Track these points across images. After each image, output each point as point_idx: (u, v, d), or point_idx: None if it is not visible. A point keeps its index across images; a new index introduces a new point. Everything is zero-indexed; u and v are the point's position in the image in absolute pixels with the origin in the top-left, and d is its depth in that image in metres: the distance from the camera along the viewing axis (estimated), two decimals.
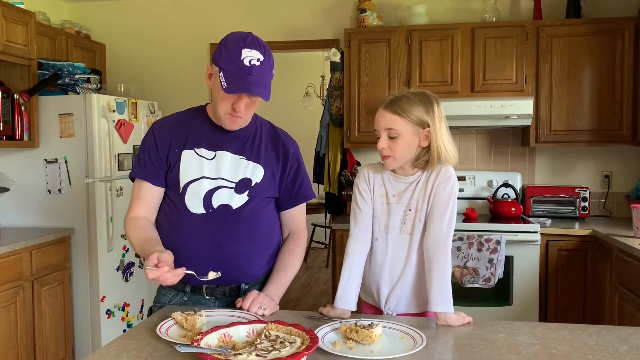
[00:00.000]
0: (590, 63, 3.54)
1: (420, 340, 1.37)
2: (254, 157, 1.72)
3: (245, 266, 1.72)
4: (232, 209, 1.68)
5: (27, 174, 3.51)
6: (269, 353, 1.20)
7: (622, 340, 1.41)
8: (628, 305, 2.78)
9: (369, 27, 3.81)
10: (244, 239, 1.70)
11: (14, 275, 2.96)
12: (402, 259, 1.72)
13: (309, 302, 5.19)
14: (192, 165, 1.69)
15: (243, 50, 1.56)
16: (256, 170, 1.72)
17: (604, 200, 3.85)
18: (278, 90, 8.86)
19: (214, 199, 1.68)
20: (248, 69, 1.54)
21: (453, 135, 4.38)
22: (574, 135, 3.59)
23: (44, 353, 3.21)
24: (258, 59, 1.56)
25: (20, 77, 3.40)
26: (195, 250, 1.67)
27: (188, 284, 1.73)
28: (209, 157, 1.70)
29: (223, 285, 1.72)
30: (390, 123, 1.66)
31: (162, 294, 1.79)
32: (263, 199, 1.74)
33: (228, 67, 1.55)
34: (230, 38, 1.60)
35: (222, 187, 1.68)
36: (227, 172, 1.69)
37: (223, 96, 1.60)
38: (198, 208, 1.68)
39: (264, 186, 1.72)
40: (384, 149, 1.67)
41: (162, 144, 1.71)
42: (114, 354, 1.33)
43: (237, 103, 1.60)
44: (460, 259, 3.23)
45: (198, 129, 1.73)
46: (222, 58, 1.58)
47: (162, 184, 1.73)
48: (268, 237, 1.78)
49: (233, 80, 1.55)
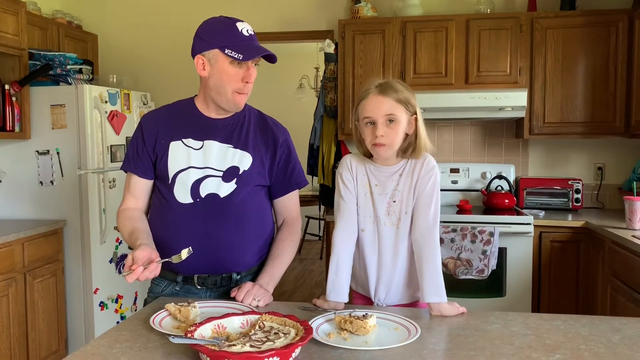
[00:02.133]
0: (584, 55, 3.54)
1: (415, 330, 1.37)
2: (241, 145, 1.72)
3: (234, 255, 1.72)
4: (220, 198, 1.68)
5: (18, 166, 3.48)
6: (263, 344, 1.20)
7: (615, 330, 1.42)
8: (620, 296, 2.80)
9: (363, 18, 3.79)
10: (232, 227, 1.69)
11: (6, 267, 2.94)
12: (390, 251, 1.70)
13: (303, 293, 5.20)
14: (180, 156, 1.69)
15: (236, 24, 1.62)
16: (244, 158, 1.71)
17: (597, 192, 3.87)
18: (272, 82, 8.92)
19: (201, 188, 1.68)
20: (250, 37, 1.62)
21: (447, 127, 4.39)
22: (567, 127, 3.59)
23: (36, 345, 3.19)
24: (251, 29, 1.65)
25: (11, 67, 3.36)
26: (184, 240, 1.67)
27: (180, 274, 1.73)
28: (196, 147, 1.70)
29: (214, 275, 1.72)
30: (391, 109, 1.62)
31: (155, 284, 1.79)
32: (252, 187, 1.73)
33: (233, 42, 1.59)
34: (211, 22, 1.65)
35: (210, 176, 1.69)
36: (215, 161, 1.69)
37: (232, 73, 1.61)
38: (186, 198, 1.68)
39: (253, 174, 1.72)
40: (383, 136, 1.62)
41: (149, 137, 1.73)
42: (107, 346, 1.32)
43: (247, 73, 1.63)
44: (453, 250, 3.24)
45: (186, 120, 1.74)
46: (218, 38, 1.60)
47: (151, 176, 1.75)
48: (258, 225, 1.77)
49: (246, 49, 1.59)
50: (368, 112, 1.64)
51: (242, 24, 1.63)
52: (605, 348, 1.30)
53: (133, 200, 1.76)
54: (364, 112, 1.65)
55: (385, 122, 1.62)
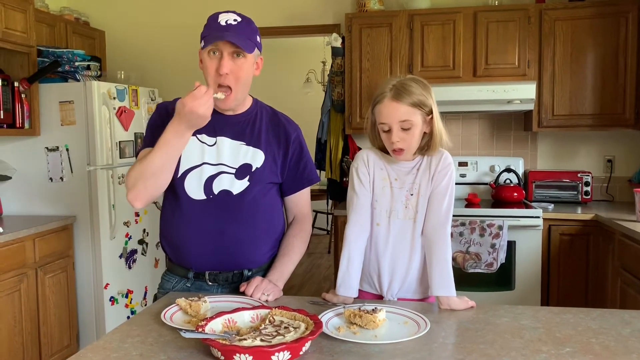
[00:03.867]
0: (593, 46, 3.51)
1: (424, 324, 1.37)
2: (253, 142, 1.71)
3: (247, 252, 1.72)
4: (233, 195, 1.68)
5: (28, 162, 3.50)
6: (273, 338, 1.20)
7: (626, 323, 1.41)
8: (630, 289, 2.79)
9: (370, 12, 3.78)
10: (245, 224, 1.70)
11: (17, 263, 2.97)
12: (407, 246, 1.69)
13: (311, 288, 5.21)
14: (194, 151, 1.68)
15: (220, 15, 1.63)
16: (256, 156, 1.71)
17: (607, 185, 3.85)
18: (279, 77, 8.91)
19: (214, 184, 1.68)
20: (225, 27, 1.60)
21: (455, 121, 4.36)
22: (576, 119, 3.57)
23: (48, 340, 3.23)
24: (234, 20, 1.62)
25: (20, 64, 3.38)
26: (196, 236, 1.68)
27: (191, 270, 1.74)
28: (210, 143, 1.69)
29: (225, 271, 1.72)
30: (405, 115, 1.60)
31: (166, 280, 1.80)
32: (265, 184, 1.73)
33: (206, 32, 1.61)
34: (210, 16, 1.67)
35: (223, 172, 1.68)
36: (228, 158, 1.69)
37: (207, 64, 1.61)
38: (199, 194, 1.68)
39: (265, 171, 1.72)
40: (399, 141, 1.61)
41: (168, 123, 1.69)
42: (119, 340, 1.33)
43: (219, 64, 1.59)
44: (462, 244, 3.23)
45: None
46: (203, 31, 1.63)
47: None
48: (270, 223, 1.77)
49: (211, 37, 1.59)
50: (383, 118, 1.62)
51: (225, 15, 1.62)
52: (616, 341, 1.29)
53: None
54: (379, 117, 1.63)
55: (400, 128, 1.60)
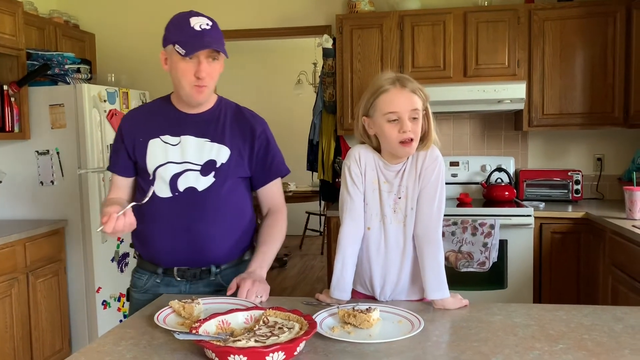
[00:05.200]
0: (582, 46, 3.54)
1: (418, 323, 1.38)
2: (218, 139, 1.74)
3: (214, 248, 1.74)
4: (198, 192, 1.71)
5: (18, 166, 3.48)
6: (267, 339, 1.20)
7: (618, 319, 1.42)
8: (621, 286, 2.81)
9: (360, 13, 3.79)
10: (212, 220, 1.72)
11: (8, 267, 2.94)
12: (399, 250, 1.66)
13: (305, 289, 5.21)
14: (158, 152, 1.73)
15: (191, 19, 1.63)
16: (221, 151, 1.73)
17: (597, 183, 3.88)
18: (270, 78, 8.89)
19: (180, 182, 1.71)
20: (200, 32, 1.62)
21: (446, 121, 4.36)
22: (566, 118, 3.60)
23: (40, 345, 3.20)
24: (207, 24, 1.64)
25: (9, 67, 3.36)
26: (164, 233, 1.71)
27: (160, 266, 1.76)
28: (173, 142, 1.73)
29: (193, 268, 1.75)
30: (415, 103, 1.56)
31: (137, 277, 1.83)
32: (233, 179, 1.76)
33: (181, 37, 1.61)
34: (174, 17, 1.68)
35: (189, 170, 1.71)
36: (193, 156, 1.72)
37: (184, 68, 1.63)
38: (165, 192, 1.71)
39: (231, 166, 1.74)
40: (410, 131, 1.55)
41: (128, 137, 1.77)
42: (112, 343, 1.33)
43: (198, 69, 1.63)
44: (454, 243, 3.24)
45: (163, 117, 1.77)
46: (172, 34, 1.64)
47: (131, 174, 1.82)
48: (238, 217, 1.80)
49: (190, 44, 1.60)
50: (394, 107, 1.55)
51: (196, 19, 1.63)
52: (608, 337, 1.30)
53: (116, 192, 1.82)
54: (388, 107, 1.56)
55: (411, 117, 1.56)
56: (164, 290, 1.77)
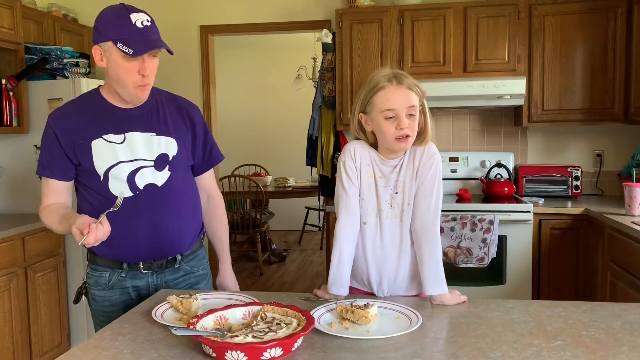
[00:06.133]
0: (582, 41, 3.53)
1: (416, 319, 1.38)
2: (163, 131, 1.73)
3: (178, 238, 1.78)
4: (158, 187, 1.71)
5: (17, 160, 3.47)
6: (265, 334, 1.20)
7: (616, 316, 1.42)
8: (620, 282, 2.81)
9: (360, 7, 3.78)
10: (175, 212, 1.75)
11: (7, 262, 2.94)
12: (396, 245, 1.66)
13: (304, 284, 5.21)
14: (105, 153, 1.67)
15: (130, 15, 1.59)
16: (170, 144, 1.73)
17: (596, 179, 3.87)
18: (269, 73, 8.81)
19: (137, 180, 1.69)
20: (144, 29, 1.58)
21: (446, 116, 4.35)
22: (566, 114, 3.59)
23: (39, 339, 3.20)
24: (148, 20, 1.61)
25: (7, 61, 3.35)
26: (130, 233, 1.70)
27: (125, 262, 1.75)
28: (118, 141, 1.68)
29: (159, 259, 1.76)
30: (412, 100, 1.57)
31: (98, 275, 1.77)
32: (183, 170, 1.78)
33: (125, 35, 1.56)
34: (108, 12, 1.62)
35: (143, 167, 1.70)
36: (143, 152, 1.70)
37: (127, 67, 1.59)
38: (125, 191, 1.67)
39: (182, 157, 1.76)
40: (407, 127, 1.56)
41: (65, 139, 1.68)
42: (109, 339, 1.32)
43: (142, 66, 1.60)
44: (453, 239, 3.24)
45: (99, 115, 1.70)
46: (111, 31, 1.58)
47: (71, 178, 1.73)
48: (194, 206, 1.85)
49: (137, 43, 1.56)
50: (391, 104, 1.56)
51: (137, 15, 1.59)
52: (606, 334, 1.30)
53: (55, 197, 1.73)
54: (385, 104, 1.57)
55: (407, 114, 1.57)
56: (130, 283, 1.76)
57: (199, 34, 4.24)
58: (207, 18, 4.26)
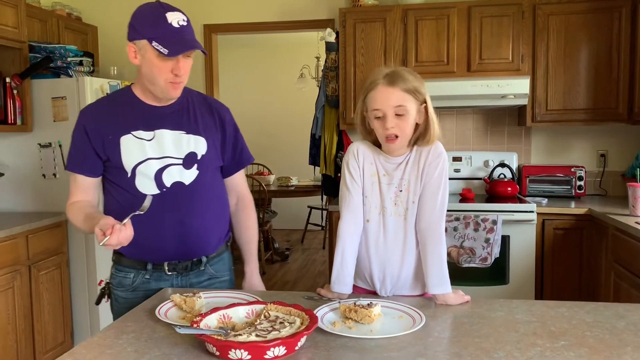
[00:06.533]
0: (586, 41, 3.52)
1: (420, 319, 1.38)
2: (193, 130, 1.73)
3: (204, 239, 1.76)
4: (185, 185, 1.70)
5: (21, 159, 3.48)
6: (269, 333, 1.20)
7: (620, 316, 1.42)
8: (624, 282, 2.80)
9: (364, 7, 3.77)
10: (201, 212, 1.73)
11: (10, 260, 2.95)
12: (399, 243, 1.66)
13: (306, 283, 5.22)
14: (134, 149, 1.67)
15: (167, 14, 1.57)
16: (199, 143, 1.73)
17: (600, 179, 3.86)
18: (272, 72, 8.82)
19: (165, 177, 1.68)
20: (180, 29, 1.57)
21: (449, 116, 4.35)
22: (570, 114, 3.58)
23: (42, 337, 3.21)
24: (184, 19, 1.60)
25: (11, 60, 3.35)
26: (155, 231, 1.68)
27: (149, 262, 1.74)
28: (148, 138, 1.68)
29: (184, 260, 1.75)
30: (400, 100, 1.57)
31: (122, 276, 1.77)
32: (212, 169, 1.77)
33: (160, 34, 1.56)
34: (144, 10, 1.61)
35: (171, 164, 1.69)
36: (172, 149, 1.69)
37: (161, 66, 1.59)
38: (151, 189, 1.68)
39: (211, 157, 1.75)
40: (394, 127, 1.58)
41: (94, 135, 1.68)
42: (113, 337, 1.33)
43: (177, 66, 1.60)
44: (456, 239, 3.24)
45: (130, 111, 1.70)
46: (147, 29, 1.57)
47: (99, 174, 1.73)
48: (222, 207, 1.83)
49: (172, 43, 1.55)
50: (377, 104, 1.58)
51: (173, 14, 1.57)
52: (610, 334, 1.30)
53: (82, 194, 1.73)
54: (373, 104, 1.59)
55: (394, 114, 1.57)
56: (155, 286, 1.74)
57: (203, 33, 4.24)
58: (211, 17, 4.27)
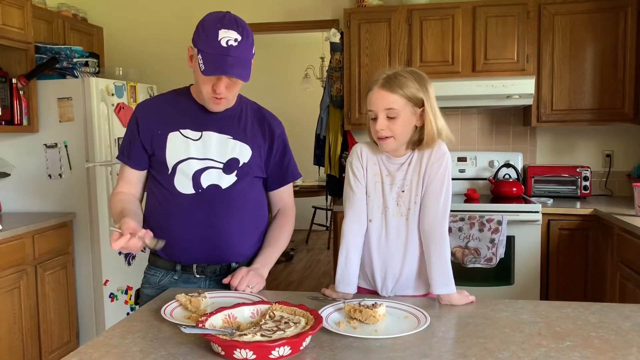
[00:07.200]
0: (592, 41, 3.51)
1: (424, 319, 1.38)
2: (240, 137, 1.73)
3: (235, 245, 1.74)
4: (222, 189, 1.70)
5: (27, 159, 3.50)
6: (273, 333, 1.20)
7: (626, 317, 1.41)
8: (629, 283, 2.79)
9: (369, 7, 3.77)
10: (234, 218, 1.72)
11: (16, 260, 2.97)
12: (401, 243, 1.67)
13: (311, 283, 5.22)
14: (179, 147, 1.70)
15: (220, 31, 1.55)
16: (243, 150, 1.72)
17: (606, 180, 3.85)
18: (277, 73, 8.85)
19: (202, 179, 1.69)
20: (225, 49, 1.55)
21: (454, 116, 4.35)
22: (575, 114, 3.57)
23: (48, 337, 3.23)
24: (235, 39, 1.56)
25: (17, 61, 3.37)
26: (186, 230, 1.69)
27: (179, 263, 1.75)
28: (194, 137, 1.70)
29: (213, 264, 1.74)
30: (390, 103, 1.59)
31: (151, 274, 1.80)
32: (251, 178, 1.76)
33: (206, 49, 1.56)
34: (208, 18, 1.60)
35: (211, 167, 1.70)
36: (215, 153, 1.70)
37: (203, 79, 1.60)
38: (187, 188, 1.69)
39: (252, 166, 1.74)
40: (383, 129, 1.60)
41: (145, 128, 1.72)
42: (119, 336, 1.33)
43: (217, 85, 1.60)
44: (461, 239, 3.23)
45: (183, 110, 1.73)
46: (200, 39, 1.58)
47: (144, 167, 1.77)
48: (257, 216, 1.80)
49: (211, 63, 1.55)
50: (371, 105, 1.62)
51: (226, 32, 1.55)
52: (616, 335, 1.30)
53: (126, 186, 1.79)
54: (368, 105, 1.64)
55: (385, 116, 1.60)
56: (183, 287, 1.75)
57: None
58: None
